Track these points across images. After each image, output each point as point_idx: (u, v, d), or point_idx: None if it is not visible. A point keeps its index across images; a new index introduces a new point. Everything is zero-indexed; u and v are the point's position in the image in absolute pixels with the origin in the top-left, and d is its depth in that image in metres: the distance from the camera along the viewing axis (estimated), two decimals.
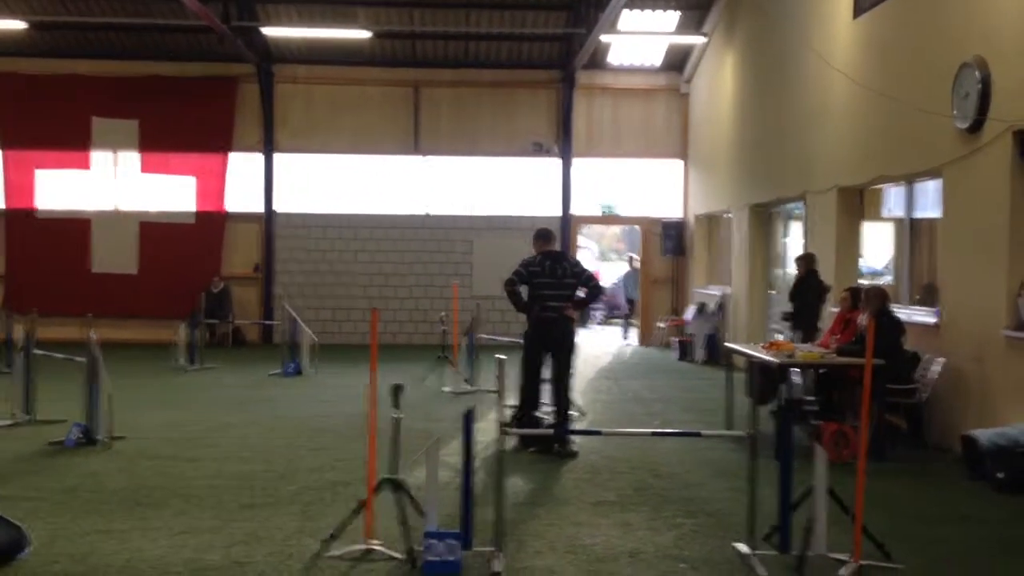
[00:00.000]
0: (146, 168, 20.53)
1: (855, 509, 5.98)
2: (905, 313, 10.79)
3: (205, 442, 9.90)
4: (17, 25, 18.66)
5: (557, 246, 10.38)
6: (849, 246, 13.04)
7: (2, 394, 11.12)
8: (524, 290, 9.97)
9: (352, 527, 6.29)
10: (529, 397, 9.89)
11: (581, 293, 10.10)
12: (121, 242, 20.37)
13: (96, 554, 6.11)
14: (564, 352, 9.91)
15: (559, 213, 20.89)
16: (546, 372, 10.14)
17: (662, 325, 20.52)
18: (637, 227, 22.48)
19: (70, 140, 20.28)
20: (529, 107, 21.05)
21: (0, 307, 16.67)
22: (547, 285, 9.77)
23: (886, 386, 9.21)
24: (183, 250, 20.26)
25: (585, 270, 10.19)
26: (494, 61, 20.89)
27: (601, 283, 10.22)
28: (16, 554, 5.89)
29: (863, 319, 9.94)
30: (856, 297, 10.87)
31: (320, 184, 20.96)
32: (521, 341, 10.14)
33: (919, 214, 11.63)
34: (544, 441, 9.49)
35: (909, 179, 11.44)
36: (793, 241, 15.70)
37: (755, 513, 6.02)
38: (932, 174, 10.65)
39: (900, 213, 12.05)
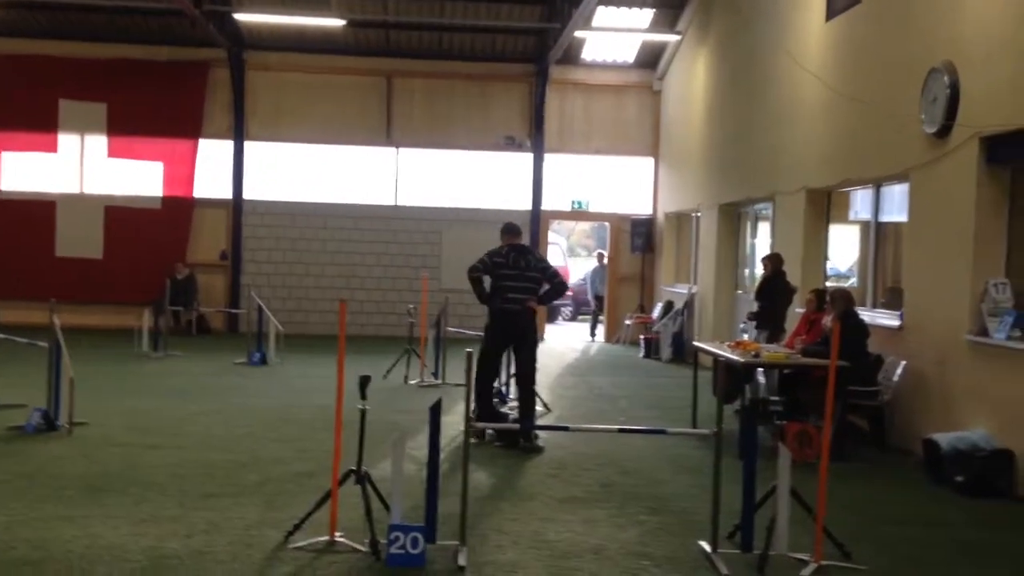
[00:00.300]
0: (113, 152, 20.28)
1: (817, 509, 6.04)
2: (869, 316, 10.90)
3: (168, 430, 9.81)
4: None
5: (524, 241, 10.35)
6: (816, 248, 13.14)
7: None
8: (488, 281, 9.96)
9: (316, 519, 6.26)
10: (485, 389, 9.84)
11: (545, 287, 10.10)
12: (86, 226, 20.12)
13: (55, 540, 6.04)
14: (527, 346, 9.93)
15: (529, 207, 20.89)
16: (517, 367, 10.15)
17: (629, 322, 20.59)
18: (607, 223, 22.53)
19: (37, 122, 19.98)
20: (502, 101, 21.03)
21: None
22: (510, 277, 9.79)
23: (849, 387, 9.30)
24: (149, 236, 20.04)
25: (549, 265, 10.23)
26: (468, 53, 20.83)
27: (565, 279, 10.21)
28: None
29: (828, 321, 10.02)
30: (821, 299, 10.97)
31: (290, 172, 20.82)
32: None
33: (885, 217, 11.75)
34: (510, 435, 9.50)
35: (876, 182, 11.54)
36: (761, 241, 15.80)
37: (719, 511, 6.06)
38: (899, 178, 10.76)
39: (867, 216, 12.16)
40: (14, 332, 11.30)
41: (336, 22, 18.83)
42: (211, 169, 20.56)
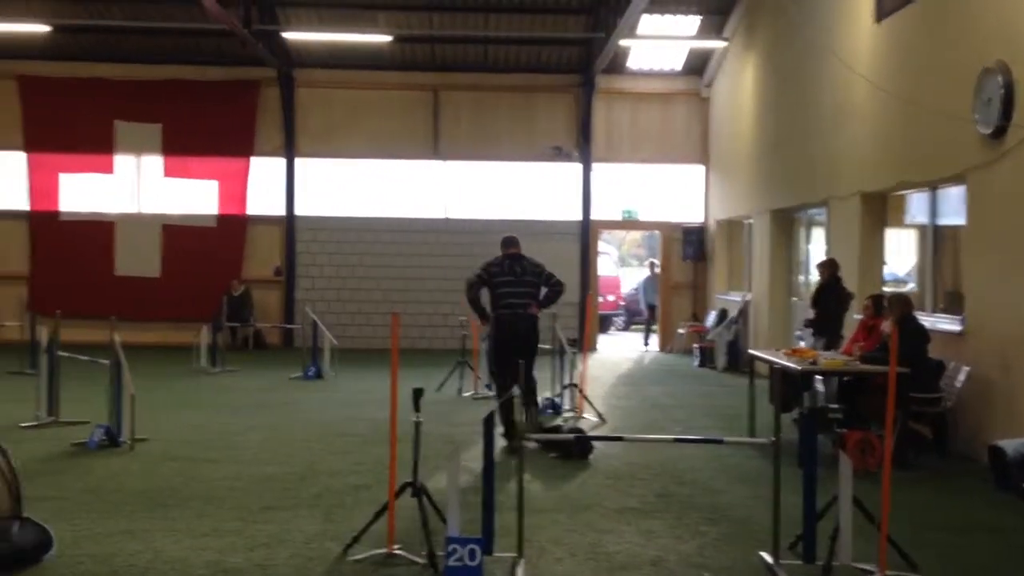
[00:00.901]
0: (169, 172, 20.64)
1: (880, 518, 5.93)
2: (929, 321, 10.71)
3: (226, 444, 9.93)
4: (40, 29, 18.80)
5: (520, 250, 10.58)
6: (872, 252, 12.96)
7: (27, 396, 11.21)
8: (485, 293, 10.27)
9: (373, 531, 6.29)
10: (506, 400, 9.55)
11: (544, 291, 10.31)
12: (144, 245, 20.48)
13: (120, 555, 6.13)
14: (527, 349, 10.01)
15: (579, 218, 20.86)
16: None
17: (682, 331, 20.45)
18: (657, 232, 22.41)
19: (93, 144, 20.41)
20: (548, 112, 21.05)
21: (25, 309, 16.76)
22: (507, 284, 10.10)
23: (910, 394, 9.14)
24: (205, 253, 20.35)
25: (545, 269, 10.43)
26: (513, 65, 20.89)
27: (561, 281, 10.41)
28: (42, 555, 5.92)
29: (887, 326, 9.87)
30: (879, 304, 10.80)
31: (340, 188, 21.02)
32: (540, 346, 10.25)
33: (943, 220, 11.55)
34: (565, 446, 9.43)
35: (932, 185, 11.36)
36: (816, 247, 15.61)
37: (779, 522, 5.98)
38: (956, 180, 10.58)
39: (923, 219, 11.97)
40: (77, 350, 11.52)
41: (383, 38, 19.00)
42: (264, 186, 20.83)
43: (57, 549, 6.04)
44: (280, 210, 20.77)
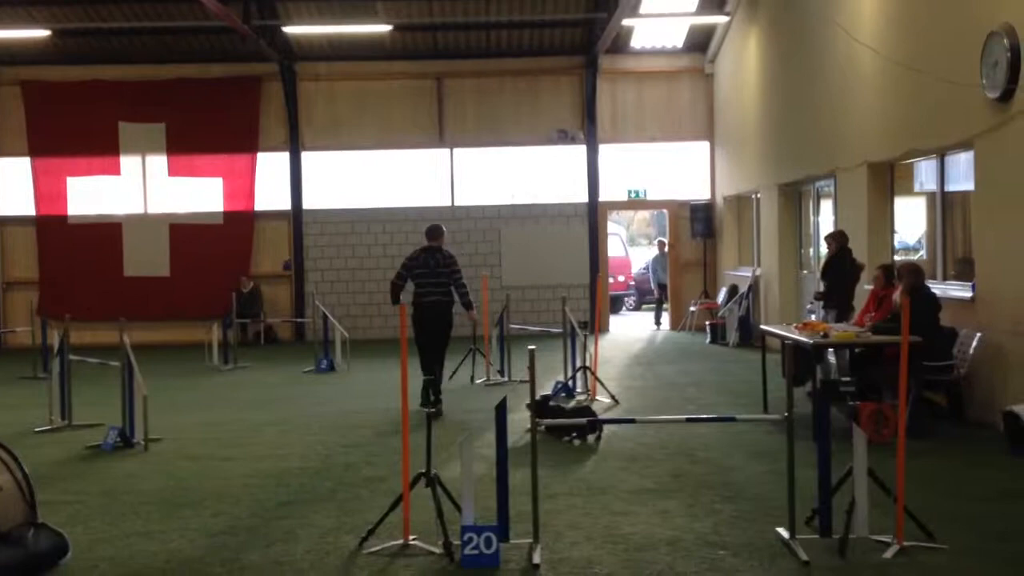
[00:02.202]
0: (174, 171, 20.65)
1: (896, 490, 5.90)
2: (940, 288, 10.65)
3: (240, 441, 9.95)
4: (40, 33, 18.82)
5: (440, 242, 11.70)
6: (881, 222, 12.87)
7: (40, 400, 11.25)
8: (410, 284, 11.52)
9: (389, 522, 6.29)
10: (430, 379, 10.88)
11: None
12: (152, 245, 20.52)
13: (136, 557, 6.15)
14: (436, 333, 11.32)
15: (586, 199, 20.81)
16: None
17: (694, 309, 20.40)
18: (665, 211, 22.35)
19: (99, 146, 20.43)
20: (553, 94, 20.97)
21: (35, 313, 16.82)
22: (422, 275, 11.41)
23: (923, 363, 9.09)
24: (213, 251, 20.37)
25: (455, 265, 11.56)
26: (516, 49, 20.81)
27: (458, 278, 11.53)
28: (58, 560, 5.93)
29: (898, 296, 9.80)
30: (889, 274, 10.73)
31: (347, 180, 21.00)
32: (551, 329, 10.30)
33: (951, 187, 11.46)
34: (578, 429, 9.43)
35: (940, 152, 11.26)
36: (824, 219, 15.53)
37: (795, 497, 5.95)
38: (963, 146, 10.48)
39: (932, 187, 11.88)
40: (88, 353, 11.56)
41: (383, 28, 18.93)
42: (270, 181, 20.82)
43: (73, 553, 6.05)
44: (287, 204, 20.77)
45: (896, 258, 12.65)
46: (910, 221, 13.62)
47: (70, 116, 20.30)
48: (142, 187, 20.68)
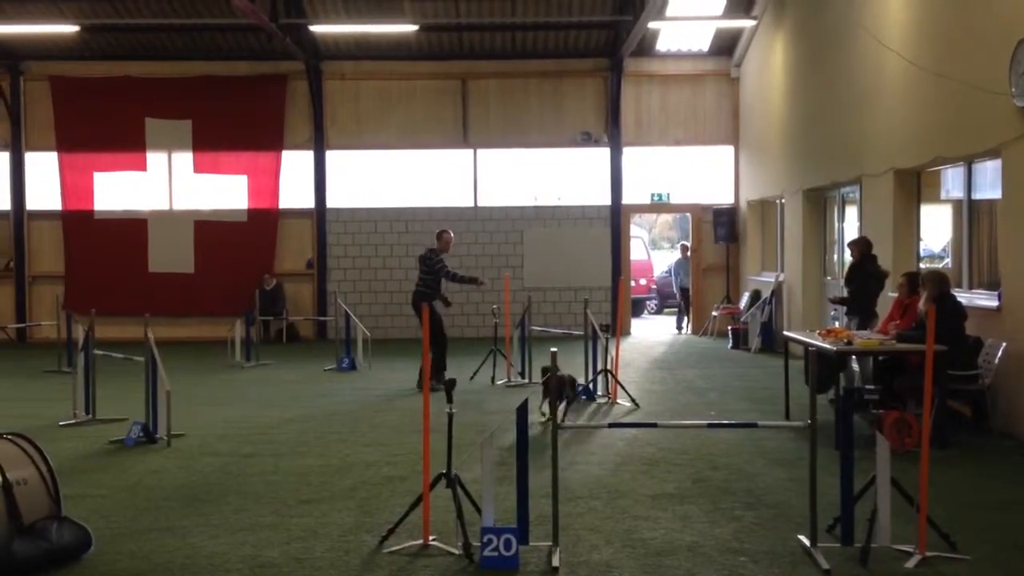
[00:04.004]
0: (199, 168, 20.77)
1: (919, 499, 5.86)
2: (966, 297, 10.57)
3: (262, 438, 9.99)
4: (68, 29, 18.97)
5: (435, 243, 13.87)
6: (907, 229, 12.79)
7: (64, 394, 11.34)
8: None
9: (409, 522, 6.30)
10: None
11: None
12: (177, 242, 20.64)
13: (157, 552, 6.19)
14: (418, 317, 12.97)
15: (609, 202, 20.78)
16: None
17: (716, 313, 20.33)
18: (688, 215, 22.28)
19: (125, 142, 20.56)
20: (577, 96, 20.95)
21: (60, 308, 16.96)
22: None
23: (948, 372, 9.02)
24: (237, 248, 20.47)
25: (433, 257, 13.56)
26: (541, 51, 20.81)
27: (439, 269, 13.47)
28: (82, 553, 5.98)
29: (923, 304, 9.73)
30: (914, 282, 10.65)
31: (370, 179, 21.05)
32: (572, 332, 10.31)
33: (978, 195, 11.37)
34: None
35: (967, 160, 11.17)
36: (849, 225, 15.44)
37: (816, 504, 5.92)
38: (991, 154, 10.40)
39: (959, 194, 11.79)
40: (113, 347, 11.65)
41: (409, 28, 18.97)
42: (294, 180, 20.91)
43: (96, 547, 6.09)
44: (310, 203, 20.85)
45: (921, 266, 12.56)
46: (936, 229, 13.52)
47: (97, 112, 20.46)
48: (168, 183, 20.81)
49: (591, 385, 12.20)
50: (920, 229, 12.93)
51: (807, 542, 5.98)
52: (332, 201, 20.88)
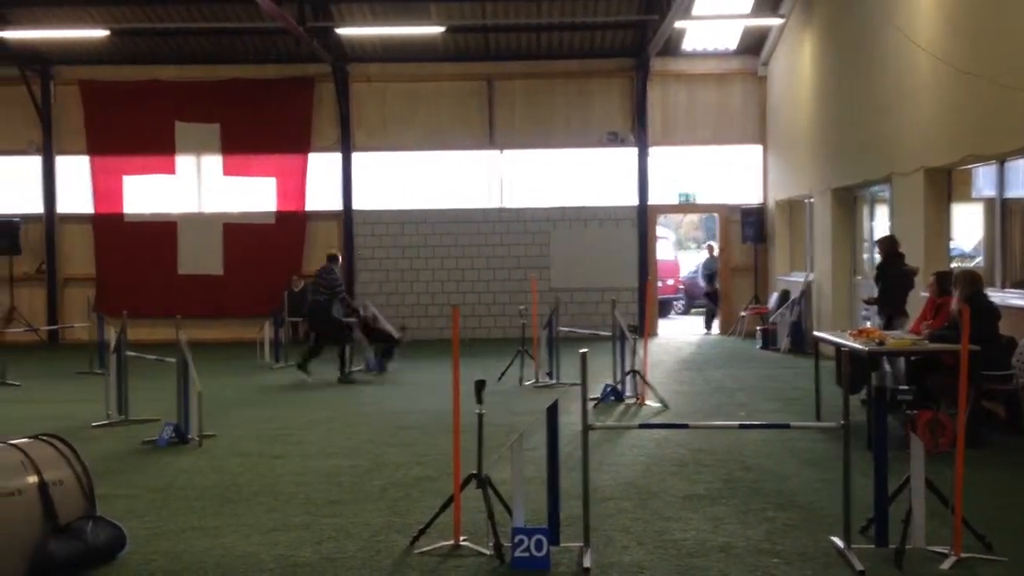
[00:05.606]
0: (228, 171, 20.91)
1: (954, 500, 5.81)
2: (999, 297, 10.46)
3: (292, 439, 10.04)
4: (99, 33, 19.14)
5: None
6: (938, 228, 12.67)
7: (96, 395, 11.44)
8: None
9: (439, 523, 6.31)
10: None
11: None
12: (206, 244, 20.79)
13: (190, 551, 6.23)
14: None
15: (635, 202, 20.73)
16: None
17: (744, 314, 20.23)
18: (715, 215, 22.19)
19: (155, 145, 20.73)
20: (603, 97, 20.92)
21: (92, 310, 17.12)
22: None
23: (981, 372, 8.93)
24: (265, 250, 20.58)
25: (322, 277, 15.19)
26: (567, 51, 20.79)
27: (335, 291, 14.98)
28: (116, 553, 6.03)
29: (956, 304, 9.64)
30: (945, 281, 10.54)
31: (397, 181, 21.11)
32: (600, 332, 10.26)
33: (1011, 193, 11.25)
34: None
35: (1000, 158, 11.06)
36: (879, 224, 15.32)
37: (850, 505, 5.87)
38: (1023, 152, 10.29)
39: (991, 193, 11.67)
40: (143, 349, 11.75)
41: (435, 29, 19.01)
42: (321, 182, 21.00)
43: (130, 547, 6.13)
44: (338, 205, 20.94)
45: (953, 265, 12.44)
46: (967, 227, 13.39)
47: (127, 115, 20.64)
48: (197, 186, 20.97)
49: (619, 385, 12.17)
50: (951, 228, 12.82)
51: (840, 543, 5.94)
52: (359, 203, 20.96)
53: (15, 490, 5.63)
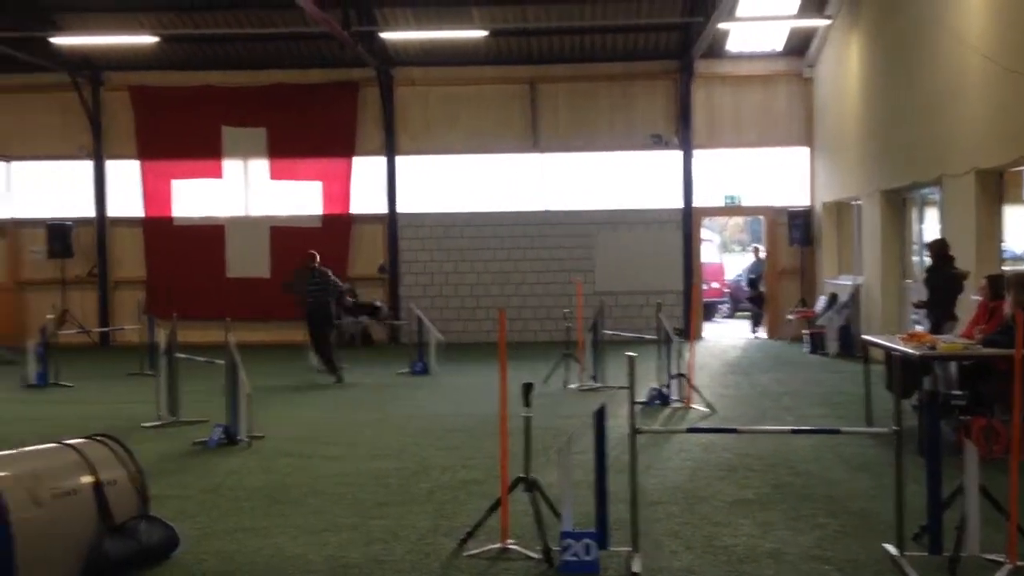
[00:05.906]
0: (275, 174, 21.11)
1: (1009, 507, 5.71)
2: None
3: (339, 440, 10.11)
4: (148, 40, 19.42)
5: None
6: (990, 231, 12.46)
7: (147, 396, 11.61)
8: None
9: (487, 526, 6.32)
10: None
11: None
12: (254, 247, 21.00)
13: (242, 552, 6.30)
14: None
15: (680, 205, 20.63)
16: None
17: (791, 317, 20.04)
18: (761, 217, 22.01)
19: (203, 150, 21.00)
20: (647, 99, 20.84)
21: (142, 312, 17.37)
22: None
23: None
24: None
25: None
26: (610, 54, 20.74)
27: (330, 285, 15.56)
28: (169, 553, 6.11)
29: (1009, 308, 9.47)
30: (997, 285, 10.35)
31: (441, 184, 21.19)
32: (645, 336, 10.21)
33: None
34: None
35: None
36: (929, 227, 15.12)
37: (902, 512, 5.80)
38: None
39: None
40: (193, 351, 11.89)
41: (479, 33, 19.06)
42: (366, 185, 21.14)
43: (182, 547, 6.22)
44: (382, 208, 21.05)
45: (1005, 268, 12.24)
46: (1019, 230, 13.17)
47: (176, 120, 20.91)
48: (244, 190, 21.20)
49: (665, 389, 12.11)
50: (1003, 230, 12.61)
51: (894, 551, 5.87)
52: (403, 206, 21.06)
53: (71, 490, 5.73)
